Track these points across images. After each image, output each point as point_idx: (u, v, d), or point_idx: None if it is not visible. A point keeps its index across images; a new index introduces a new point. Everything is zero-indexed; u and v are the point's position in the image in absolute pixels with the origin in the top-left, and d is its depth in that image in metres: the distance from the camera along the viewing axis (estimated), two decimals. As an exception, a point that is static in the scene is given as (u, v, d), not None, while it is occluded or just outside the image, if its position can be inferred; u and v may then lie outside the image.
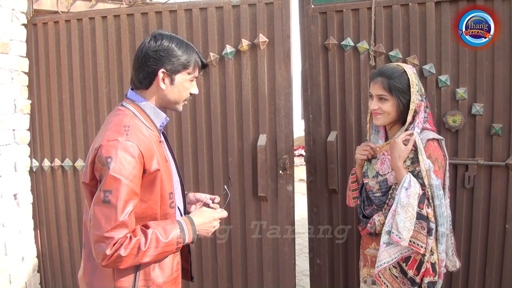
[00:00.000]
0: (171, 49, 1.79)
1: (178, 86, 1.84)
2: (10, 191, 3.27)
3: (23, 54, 3.34)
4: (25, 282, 3.38)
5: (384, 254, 2.13)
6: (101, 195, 1.63)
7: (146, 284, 1.78)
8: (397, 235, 2.05)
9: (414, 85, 2.18)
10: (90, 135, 3.33)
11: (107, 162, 1.63)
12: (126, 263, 1.66)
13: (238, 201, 3.12)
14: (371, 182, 2.33)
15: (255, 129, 3.08)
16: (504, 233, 2.79)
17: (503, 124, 2.74)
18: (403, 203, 2.07)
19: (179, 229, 1.78)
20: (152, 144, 1.76)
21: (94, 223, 1.63)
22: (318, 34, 2.99)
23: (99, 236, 1.61)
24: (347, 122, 2.98)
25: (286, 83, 3.00)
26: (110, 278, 1.77)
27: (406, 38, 2.85)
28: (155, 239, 1.70)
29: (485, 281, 2.84)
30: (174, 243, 1.75)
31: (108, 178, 1.62)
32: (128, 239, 1.64)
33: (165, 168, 1.81)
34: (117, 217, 1.61)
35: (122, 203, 1.62)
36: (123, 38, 3.20)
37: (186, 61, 1.82)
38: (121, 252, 1.62)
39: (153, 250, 1.69)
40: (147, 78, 1.81)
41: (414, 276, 2.11)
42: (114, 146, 1.65)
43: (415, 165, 2.16)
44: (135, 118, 1.78)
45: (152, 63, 1.78)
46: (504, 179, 2.77)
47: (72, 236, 3.45)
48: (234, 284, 3.20)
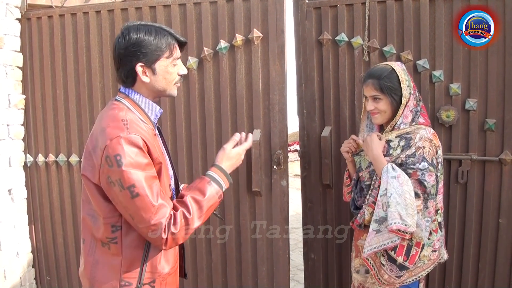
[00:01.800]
0: (140, 40, 1.73)
1: (161, 73, 1.79)
2: (4, 186, 3.26)
3: (17, 48, 3.33)
4: (19, 277, 3.38)
5: (374, 240, 2.18)
6: (127, 193, 1.63)
7: (153, 277, 1.79)
8: (403, 223, 2.06)
9: (404, 81, 2.24)
10: (84, 130, 3.32)
11: (117, 160, 1.62)
12: (182, 236, 1.71)
13: (233, 196, 3.12)
14: (364, 173, 2.38)
15: (249, 124, 3.08)
16: (498, 228, 2.80)
17: (497, 119, 2.74)
18: (398, 192, 2.10)
19: (212, 182, 1.81)
20: (150, 136, 1.75)
21: (137, 219, 1.66)
22: (312, 29, 2.99)
23: (148, 227, 1.66)
24: (341, 117, 2.98)
25: (281, 78, 3.00)
26: (114, 271, 1.76)
27: (400, 33, 2.85)
28: (195, 202, 1.74)
29: (479, 275, 2.85)
30: (216, 197, 1.80)
31: (125, 175, 1.62)
32: (172, 216, 1.69)
33: (163, 160, 1.80)
34: (152, 203, 1.64)
35: (149, 190, 1.64)
36: (117, 33, 3.17)
37: (159, 47, 1.76)
38: (173, 230, 1.67)
39: (198, 212, 1.74)
40: (129, 76, 1.78)
41: (403, 262, 2.16)
42: (119, 142, 1.64)
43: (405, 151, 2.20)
44: (130, 112, 1.76)
45: (127, 60, 1.74)
46: (497, 174, 2.78)
47: (67, 231, 3.45)
48: (228, 279, 3.21)
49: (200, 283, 3.23)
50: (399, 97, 2.23)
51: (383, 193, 2.15)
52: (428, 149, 2.17)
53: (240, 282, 3.20)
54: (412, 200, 2.09)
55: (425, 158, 2.15)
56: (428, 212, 2.18)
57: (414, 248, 2.16)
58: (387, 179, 2.14)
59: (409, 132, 2.24)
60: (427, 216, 2.18)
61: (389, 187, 2.12)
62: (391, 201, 2.10)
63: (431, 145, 2.18)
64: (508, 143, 2.74)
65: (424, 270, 2.23)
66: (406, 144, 2.21)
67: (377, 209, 2.17)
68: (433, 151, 2.19)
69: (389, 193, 2.11)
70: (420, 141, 2.18)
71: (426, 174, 2.14)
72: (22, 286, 3.40)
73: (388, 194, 2.12)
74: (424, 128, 2.23)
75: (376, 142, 2.25)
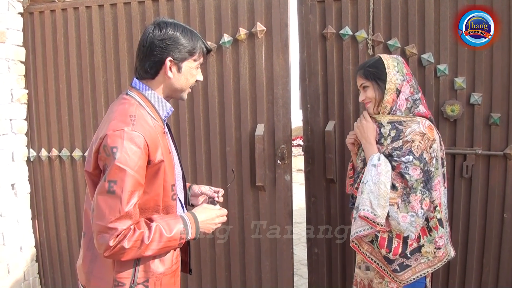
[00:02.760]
0: (177, 37, 1.76)
1: (185, 73, 1.82)
2: (8, 181, 3.27)
3: (20, 43, 3.32)
4: (23, 272, 3.39)
5: (352, 227, 2.22)
6: (105, 185, 1.60)
7: (146, 276, 1.77)
8: (372, 212, 2.09)
9: (391, 66, 2.24)
10: (87, 125, 3.32)
11: (113, 152, 1.60)
12: (128, 255, 1.64)
13: (236, 191, 3.12)
14: (358, 163, 2.40)
15: (253, 119, 3.07)
16: (502, 223, 2.79)
17: (502, 113, 2.73)
18: (374, 180, 2.11)
19: (182, 225, 1.76)
20: (157, 134, 1.74)
21: (98, 213, 1.61)
22: (316, 23, 2.97)
23: (103, 226, 1.59)
24: (345, 111, 2.97)
25: (284, 73, 2.98)
26: (109, 269, 1.75)
27: (405, 27, 2.83)
28: (158, 233, 1.68)
29: (483, 270, 2.85)
30: (177, 238, 1.73)
31: (113, 168, 1.60)
32: (132, 230, 1.62)
33: (168, 159, 1.79)
34: (121, 208, 1.59)
35: (127, 194, 1.60)
36: (120, 27, 3.18)
37: (192, 48, 1.80)
38: (124, 244, 1.60)
39: (156, 244, 1.68)
40: (154, 68, 1.78)
41: (386, 254, 2.16)
42: (120, 136, 1.63)
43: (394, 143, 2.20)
44: (141, 107, 1.76)
45: (159, 52, 1.75)
46: (502, 168, 2.77)
47: (70, 226, 3.45)
48: (232, 273, 3.21)
49: (204, 277, 3.23)
50: (384, 82, 2.23)
51: (364, 181, 2.17)
52: (418, 143, 2.12)
53: (244, 277, 3.20)
54: (386, 192, 2.09)
55: (411, 152, 2.12)
56: (412, 207, 2.12)
57: (396, 240, 2.15)
58: (368, 167, 2.17)
59: (402, 122, 2.20)
60: (410, 211, 2.12)
61: (367, 175, 2.15)
62: (365, 187, 2.12)
63: (423, 139, 2.13)
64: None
65: (430, 267, 2.21)
66: (396, 135, 2.20)
67: (358, 195, 2.20)
68: (424, 145, 2.13)
69: (365, 180, 2.14)
70: (410, 135, 2.15)
71: (410, 168, 2.11)
72: (25, 281, 3.41)
73: (364, 181, 2.15)
74: (418, 122, 2.17)
75: (371, 129, 2.27)
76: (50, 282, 3.57)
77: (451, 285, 2.91)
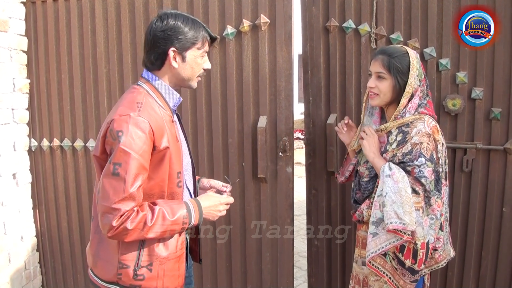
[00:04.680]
0: (178, 27, 1.81)
1: (190, 62, 1.87)
2: (9, 171, 3.27)
3: (22, 32, 3.32)
4: (24, 261, 3.40)
5: (371, 244, 2.12)
6: (110, 167, 1.67)
7: (150, 260, 1.82)
8: (400, 223, 2.00)
9: (415, 68, 2.16)
10: (89, 115, 3.32)
11: (118, 136, 1.67)
12: (131, 236, 1.70)
13: (238, 183, 3.13)
14: (362, 168, 2.34)
15: (255, 111, 3.07)
16: (501, 217, 2.82)
17: (502, 108, 2.75)
18: (394, 190, 2.04)
19: (185, 210, 1.82)
20: (164, 122, 1.80)
21: (103, 195, 1.67)
22: (320, 16, 2.97)
23: (107, 207, 1.66)
24: (347, 105, 2.98)
25: (287, 65, 2.99)
26: (115, 251, 1.81)
27: (408, 21, 2.84)
28: (161, 216, 1.74)
29: (481, 263, 2.88)
30: (180, 223, 1.79)
31: (118, 151, 1.66)
32: (135, 212, 1.69)
33: (175, 147, 1.84)
34: (125, 189, 1.65)
35: (131, 177, 1.66)
36: (122, 17, 3.18)
37: (194, 37, 1.84)
38: (127, 225, 1.67)
39: (159, 227, 1.74)
40: (159, 59, 1.85)
41: (412, 265, 2.09)
42: (126, 120, 1.70)
43: (400, 147, 2.15)
44: (149, 96, 1.83)
45: (162, 43, 1.81)
46: (502, 163, 2.79)
47: (71, 216, 3.46)
48: (233, 264, 3.23)
49: (204, 267, 3.25)
50: (404, 82, 2.15)
51: (380, 193, 2.11)
52: (427, 144, 2.08)
53: (245, 268, 3.22)
54: (408, 197, 2.03)
55: (422, 154, 2.07)
56: (432, 210, 2.10)
57: (420, 251, 2.07)
58: (383, 179, 2.10)
59: (408, 123, 2.16)
60: (431, 214, 2.11)
61: (385, 187, 2.07)
62: (386, 200, 2.04)
63: (430, 140, 2.10)
64: (513, 132, 2.75)
65: (427, 267, 2.20)
66: (402, 139, 2.16)
67: (374, 209, 2.13)
68: (432, 146, 2.10)
69: (385, 192, 2.07)
70: (417, 136, 2.10)
71: (425, 171, 2.07)
72: (26, 270, 3.42)
73: (383, 194, 2.07)
74: (423, 120, 2.14)
75: (375, 145, 2.23)
76: (50, 272, 3.58)
77: (450, 278, 2.94)
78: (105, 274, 1.84)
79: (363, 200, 2.31)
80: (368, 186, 2.29)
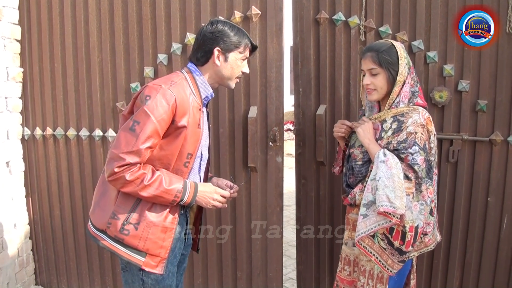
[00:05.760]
0: (225, 31, 2.08)
1: (231, 63, 2.13)
2: (3, 159, 3.30)
3: (16, 21, 3.33)
4: (17, 248, 3.44)
5: (361, 225, 2.19)
6: (130, 123, 1.92)
7: (139, 219, 2.01)
8: (391, 206, 2.06)
9: (403, 57, 2.23)
10: (82, 104, 3.35)
11: (146, 99, 1.93)
12: (126, 187, 1.94)
13: (229, 172, 3.18)
14: (356, 151, 2.40)
15: (246, 101, 3.12)
16: (486, 206, 2.89)
17: (488, 101, 2.81)
18: (387, 175, 2.11)
19: (182, 186, 2.03)
20: (190, 105, 2.02)
21: (116, 144, 1.92)
22: (310, 8, 3.01)
23: (115, 154, 1.90)
24: (336, 96, 3.03)
25: (278, 56, 3.03)
26: (112, 204, 2.03)
27: (397, 14, 2.88)
28: (159, 181, 1.96)
29: (466, 251, 2.95)
30: (173, 194, 2.00)
31: (141, 111, 1.91)
32: (136, 167, 1.92)
33: (194, 131, 2.04)
34: (136, 144, 1.89)
35: (144, 136, 1.90)
36: (115, 8, 3.20)
37: (238, 41, 2.10)
38: (127, 176, 1.90)
39: (153, 190, 1.95)
40: (204, 56, 2.11)
41: (400, 246, 2.17)
42: (156, 89, 1.95)
43: (395, 135, 2.22)
44: (185, 80, 2.09)
45: (209, 43, 2.08)
46: (487, 154, 2.86)
47: (64, 204, 3.50)
48: (223, 251, 3.29)
49: (195, 255, 3.29)
50: (396, 73, 2.22)
51: (373, 178, 2.18)
52: (420, 134, 2.17)
53: (235, 255, 3.28)
54: (400, 183, 2.11)
55: (416, 143, 2.15)
56: (422, 196, 2.18)
57: (408, 234, 2.15)
58: (377, 164, 2.17)
59: (404, 113, 2.23)
60: (421, 200, 2.18)
61: (378, 171, 2.14)
62: (379, 184, 2.12)
63: (424, 131, 2.18)
64: (498, 124, 2.81)
65: (416, 251, 2.28)
66: (397, 127, 2.22)
67: (366, 192, 2.20)
68: (426, 136, 2.19)
69: (378, 177, 2.14)
70: (412, 126, 2.18)
71: (418, 158, 2.14)
72: (19, 257, 3.46)
73: (377, 178, 2.14)
74: (418, 112, 2.22)
75: (370, 132, 2.29)
76: (43, 259, 3.62)
77: (436, 265, 3.01)
78: (98, 221, 2.06)
79: (356, 184, 2.37)
80: (362, 170, 2.35)
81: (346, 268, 2.47)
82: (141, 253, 2.01)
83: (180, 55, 3.14)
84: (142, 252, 2.01)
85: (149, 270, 2.04)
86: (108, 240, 2.03)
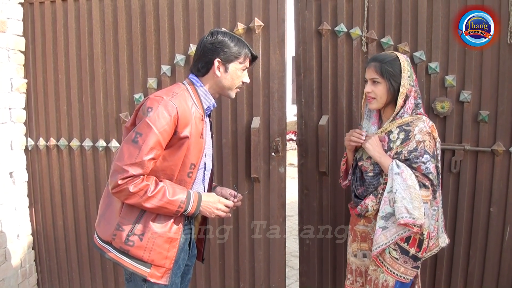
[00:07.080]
0: (225, 41, 2.09)
1: (231, 73, 2.13)
2: (6, 169, 3.31)
3: (20, 33, 3.36)
4: (20, 259, 3.44)
5: (381, 238, 2.24)
6: (132, 135, 1.93)
7: (143, 230, 2.01)
8: (410, 217, 2.15)
9: (406, 70, 2.29)
10: (85, 115, 3.37)
11: (148, 111, 1.93)
12: (130, 199, 1.94)
13: (231, 182, 3.19)
14: (365, 163, 2.43)
15: (249, 112, 3.13)
16: (488, 216, 2.88)
17: (490, 111, 2.81)
18: (403, 187, 2.18)
19: (185, 196, 2.03)
20: (192, 116, 2.03)
21: (119, 156, 1.93)
22: (312, 20, 3.04)
23: (119, 166, 1.90)
24: (339, 106, 3.04)
25: (280, 67, 3.05)
26: (117, 214, 2.03)
27: (398, 25, 2.90)
28: (162, 192, 1.97)
29: (469, 262, 2.94)
30: (176, 205, 2.00)
31: (143, 123, 1.92)
32: (140, 179, 1.92)
33: (197, 141, 2.05)
34: (139, 156, 1.90)
35: (147, 148, 1.90)
36: (119, 19, 3.23)
37: (238, 52, 2.11)
38: (130, 188, 1.90)
39: (157, 201, 1.96)
40: (205, 67, 2.12)
41: (416, 253, 2.25)
42: (158, 101, 1.96)
43: (404, 144, 2.26)
44: (186, 92, 2.09)
45: (209, 53, 2.09)
46: (489, 164, 2.85)
47: (67, 215, 3.51)
48: (226, 262, 3.29)
49: (198, 265, 3.29)
50: (397, 84, 2.28)
51: (390, 190, 2.23)
52: (428, 142, 2.24)
53: (237, 266, 3.28)
54: (417, 193, 2.17)
55: (426, 151, 2.22)
56: (436, 202, 2.28)
57: (425, 241, 2.25)
58: (392, 177, 2.22)
59: (409, 123, 2.28)
60: (434, 206, 2.28)
61: (394, 184, 2.20)
62: (396, 196, 2.18)
63: (431, 138, 2.26)
64: (500, 134, 2.81)
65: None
66: (405, 137, 2.27)
67: (384, 205, 2.25)
68: (433, 143, 2.27)
69: (395, 189, 2.20)
70: (420, 134, 2.23)
71: (430, 167, 2.22)
72: (22, 268, 3.46)
73: (393, 190, 2.20)
74: (423, 120, 2.28)
75: (378, 145, 2.33)
76: (46, 270, 3.62)
77: (439, 276, 3.00)
78: (103, 233, 2.07)
79: (367, 195, 2.40)
80: (373, 181, 2.40)
81: (358, 279, 2.51)
82: (146, 264, 2.02)
83: (183, 66, 3.16)
84: (147, 263, 2.02)
85: (154, 281, 2.04)
86: (114, 251, 2.03)
